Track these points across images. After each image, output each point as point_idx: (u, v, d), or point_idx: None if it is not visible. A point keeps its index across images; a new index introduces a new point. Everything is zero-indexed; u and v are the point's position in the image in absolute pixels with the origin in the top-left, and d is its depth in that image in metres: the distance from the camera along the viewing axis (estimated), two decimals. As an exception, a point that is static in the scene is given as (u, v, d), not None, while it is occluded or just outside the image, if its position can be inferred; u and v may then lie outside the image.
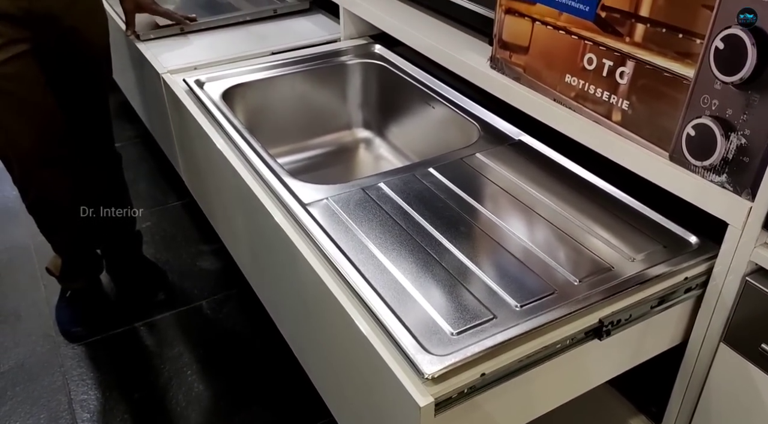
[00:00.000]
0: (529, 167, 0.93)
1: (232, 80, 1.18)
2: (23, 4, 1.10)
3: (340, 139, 1.34)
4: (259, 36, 1.42)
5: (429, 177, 0.91)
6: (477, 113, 1.07)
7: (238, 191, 1.00)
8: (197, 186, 1.42)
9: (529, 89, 0.93)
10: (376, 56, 1.30)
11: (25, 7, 1.10)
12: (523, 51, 0.92)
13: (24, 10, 1.11)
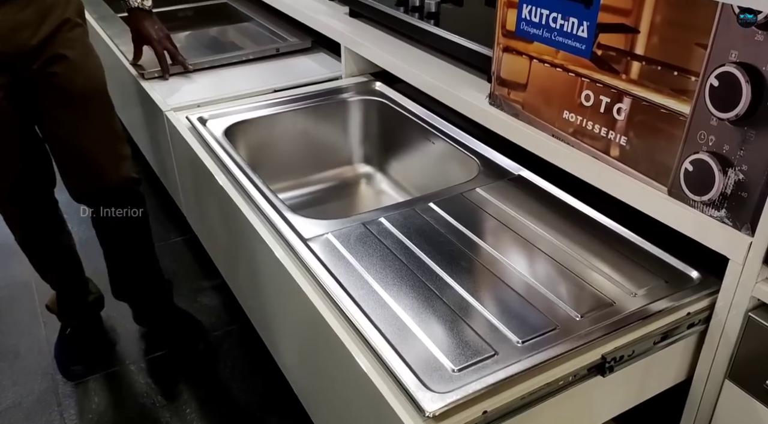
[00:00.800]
0: (529, 202, 0.94)
1: (235, 117, 1.20)
2: None
3: (341, 174, 1.35)
4: (261, 74, 1.44)
5: (429, 212, 0.92)
6: (477, 148, 1.08)
7: (240, 227, 1.00)
8: (199, 222, 1.42)
9: (528, 125, 0.94)
10: (376, 93, 1.32)
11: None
12: (521, 88, 0.94)
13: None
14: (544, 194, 0.95)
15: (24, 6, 1.07)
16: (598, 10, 0.78)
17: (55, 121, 1.18)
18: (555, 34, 0.85)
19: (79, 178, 1.28)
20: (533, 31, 0.89)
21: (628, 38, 0.75)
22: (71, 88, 1.16)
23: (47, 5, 1.10)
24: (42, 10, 1.09)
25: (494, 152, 1.06)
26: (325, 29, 1.42)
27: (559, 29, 0.84)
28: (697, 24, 0.67)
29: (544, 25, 0.86)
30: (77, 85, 1.16)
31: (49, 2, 1.10)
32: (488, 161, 1.04)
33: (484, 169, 1.02)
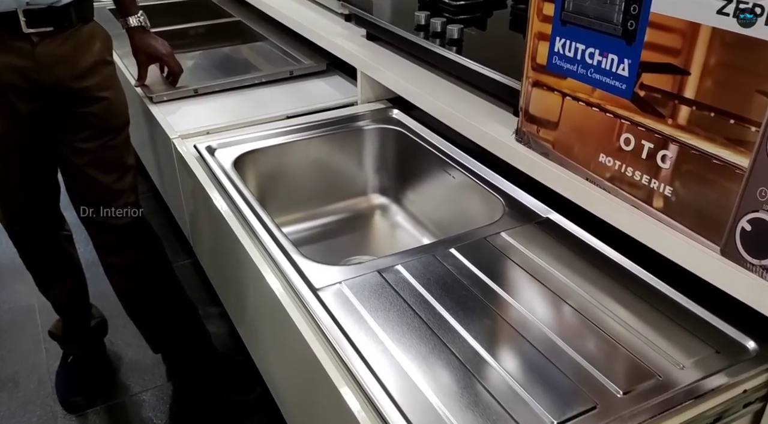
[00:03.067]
0: (560, 250, 0.86)
1: (245, 146, 1.14)
2: (33, 76, 1.07)
3: (355, 205, 1.29)
4: (274, 98, 1.39)
5: (450, 259, 0.85)
6: (500, 186, 1.01)
7: (246, 270, 0.94)
8: (204, 252, 1.36)
9: (559, 166, 0.87)
10: (393, 121, 1.26)
11: (34, 79, 1.07)
12: (553, 126, 0.86)
13: (33, 83, 1.08)
14: (576, 241, 0.88)
15: (63, 41, 1.08)
16: (641, 47, 0.71)
17: (78, 151, 1.17)
18: (591, 71, 0.78)
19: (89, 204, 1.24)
20: (567, 66, 0.82)
21: (676, 80, 0.68)
22: (105, 125, 1.16)
23: (83, 40, 1.11)
24: (79, 46, 1.10)
25: (520, 191, 0.99)
26: (341, 53, 1.36)
27: (596, 66, 0.77)
28: (759, 69, 0.60)
29: (580, 60, 0.79)
30: (111, 122, 1.17)
31: (84, 38, 1.11)
32: (514, 201, 0.97)
33: (509, 210, 0.95)
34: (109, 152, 1.20)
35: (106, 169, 1.20)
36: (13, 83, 1.07)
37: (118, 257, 1.31)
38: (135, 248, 1.31)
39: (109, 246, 1.31)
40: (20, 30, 1.03)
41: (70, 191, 1.26)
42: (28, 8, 1.03)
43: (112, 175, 1.21)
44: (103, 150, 1.19)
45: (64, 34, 1.08)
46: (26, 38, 1.05)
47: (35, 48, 1.06)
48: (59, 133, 1.16)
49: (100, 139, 1.18)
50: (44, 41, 1.06)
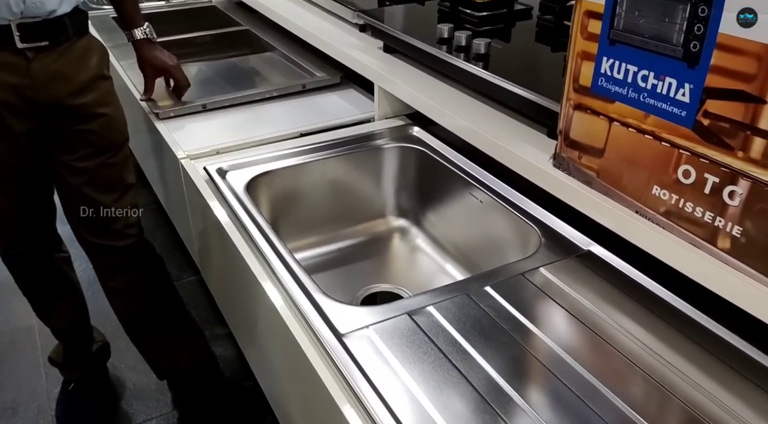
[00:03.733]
0: (606, 288, 0.79)
1: (258, 168, 1.07)
2: (28, 93, 1.00)
3: (373, 228, 1.22)
4: (286, 114, 1.31)
5: (486, 299, 0.77)
6: (534, 214, 0.94)
7: (260, 304, 0.87)
8: (212, 275, 1.29)
9: (604, 196, 0.80)
10: (414, 140, 1.19)
11: (29, 97, 1.01)
12: (597, 153, 0.79)
13: (28, 101, 1.01)
14: (622, 278, 0.81)
15: (59, 56, 1.02)
16: (706, 71, 0.64)
17: (76, 170, 1.11)
18: (645, 96, 0.71)
19: (87, 226, 1.17)
20: (615, 89, 0.74)
21: (749, 109, 0.61)
22: (104, 142, 1.10)
23: (80, 55, 1.05)
24: (75, 60, 1.04)
25: (557, 220, 0.91)
26: (358, 66, 1.29)
27: (650, 90, 0.70)
28: None
29: (631, 83, 0.72)
30: (110, 139, 1.11)
31: (80, 52, 1.05)
32: (551, 231, 0.90)
33: (546, 241, 0.88)
34: (109, 171, 1.13)
35: (105, 189, 1.14)
36: (7, 102, 1.00)
37: (118, 280, 1.24)
38: (136, 271, 1.24)
39: (109, 269, 1.24)
40: (14, 45, 0.97)
41: (67, 212, 1.19)
42: (22, 22, 0.97)
43: (111, 195, 1.15)
44: (101, 169, 1.12)
45: (59, 48, 1.01)
46: (20, 54, 0.98)
47: (30, 64, 0.99)
48: (55, 152, 1.10)
49: (98, 158, 1.11)
50: (39, 56, 1.00)
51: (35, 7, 0.97)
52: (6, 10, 0.95)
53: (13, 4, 0.95)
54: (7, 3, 0.94)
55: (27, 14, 0.97)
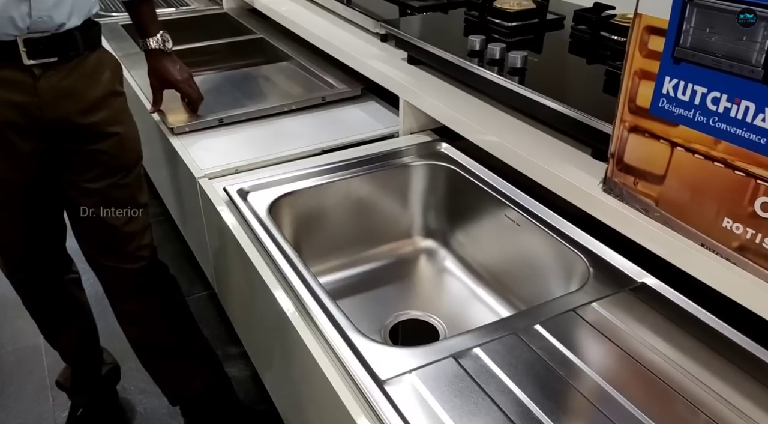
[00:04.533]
0: (665, 326, 0.73)
1: (280, 189, 1.01)
2: (35, 113, 0.94)
3: (398, 249, 1.15)
4: (306, 128, 1.25)
5: (538, 339, 0.71)
6: (581, 241, 0.88)
7: (289, 340, 0.81)
8: (229, 297, 1.23)
9: (663, 226, 0.73)
10: (442, 157, 1.13)
11: (36, 116, 0.95)
12: (657, 179, 0.73)
13: (35, 120, 0.95)
14: (682, 314, 0.74)
15: (68, 73, 0.95)
16: (793, 95, 0.58)
17: (86, 191, 1.05)
18: (715, 120, 0.65)
19: (98, 248, 1.11)
20: (679, 111, 0.68)
21: None
22: (116, 163, 1.04)
23: (90, 71, 0.98)
24: (86, 77, 0.97)
25: (605, 248, 0.85)
26: (381, 78, 1.23)
27: (722, 114, 0.64)
28: None
29: (698, 106, 0.66)
30: (122, 159, 1.05)
31: (91, 67, 0.98)
32: (600, 261, 0.83)
33: (595, 272, 0.82)
34: (121, 192, 1.07)
35: (117, 211, 1.08)
36: (13, 121, 0.94)
37: (131, 303, 1.18)
38: (149, 294, 1.18)
39: (121, 292, 1.18)
40: (20, 62, 0.91)
41: (77, 234, 1.13)
42: (29, 37, 0.90)
43: (123, 217, 1.09)
44: (113, 190, 1.06)
45: (69, 64, 0.95)
46: (27, 71, 0.92)
47: (37, 82, 0.93)
48: (65, 173, 1.04)
49: (110, 179, 1.05)
50: (47, 73, 0.93)
51: (42, 22, 0.90)
52: (11, 26, 0.88)
53: (19, 18, 0.88)
54: (11, 18, 0.88)
55: (34, 29, 0.90)
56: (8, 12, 0.87)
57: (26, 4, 0.88)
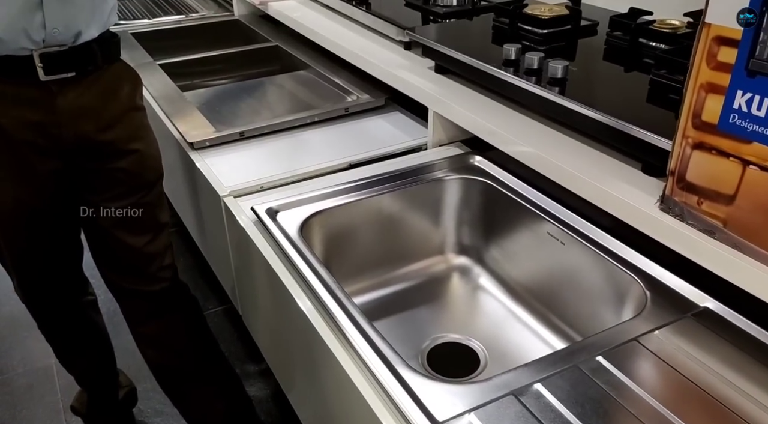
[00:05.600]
0: (733, 354, 0.68)
1: (309, 208, 0.96)
2: (53, 131, 0.90)
3: (431, 267, 1.11)
4: (331, 141, 1.21)
5: (602, 373, 0.66)
6: (634, 262, 0.83)
7: (330, 372, 0.76)
8: (255, 320, 1.18)
9: (732, 249, 0.69)
10: (476, 170, 1.08)
11: (54, 134, 0.90)
12: (725, 200, 0.68)
13: (53, 139, 0.91)
14: (753, 341, 0.70)
15: (86, 89, 0.91)
16: None
17: (105, 211, 1.00)
18: (796, 137, 0.60)
19: (118, 270, 1.07)
20: (753, 127, 0.64)
21: None
22: (136, 181, 1.00)
23: (110, 85, 0.94)
24: (105, 92, 0.93)
25: (662, 270, 0.80)
26: (408, 88, 1.18)
27: (805, 131, 0.59)
28: None
29: (777, 121, 0.62)
30: (143, 177, 1.01)
31: (111, 82, 0.94)
32: (656, 284, 0.79)
33: (652, 296, 0.77)
34: (141, 211, 1.02)
35: (137, 231, 1.03)
36: (31, 141, 0.89)
37: (151, 326, 1.14)
38: (171, 316, 1.14)
39: (140, 315, 1.13)
40: (36, 78, 0.86)
41: (96, 255, 1.09)
42: (45, 51, 0.85)
43: (144, 237, 1.04)
44: (134, 209, 1.01)
45: (87, 79, 0.91)
46: (44, 87, 0.87)
47: (55, 99, 0.88)
48: (83, 193, 0.99)
49: (130, 198, 1.00)
50: (65, 90, 0.89)
51: (58, 33, 0.86)
52: (26, 39, 0.84)
53: (34, 32, 0.84)
54: (24, 30, 0.83)
55: (50, 42, 0.86)
56: (21, 23, 0.82)
57: (40, 14, 0.83)
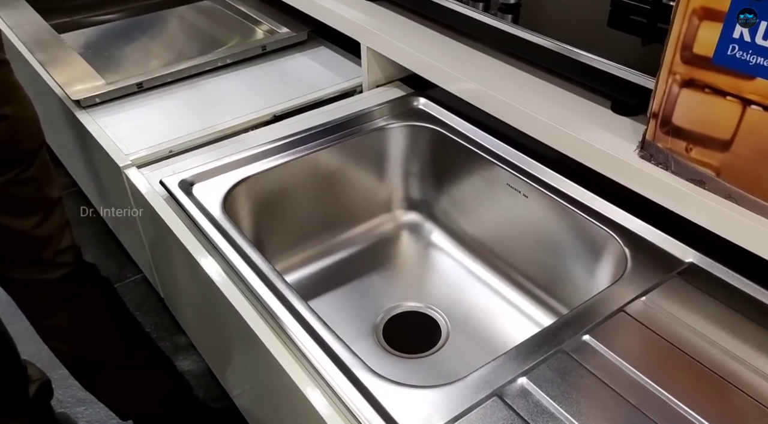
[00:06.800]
0: (729, 316, 0.61)
1: (232, 176, 0.81)
2: None
3: (377, 227, 0.99)
4: (250, 89, 1.03)
5: (590, 355, 0.58)
6: (609, 215, 0.74)
7: (269, 374, 0.65)
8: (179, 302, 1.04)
9: (726, 201, 0.60)
10: (421, 115, 0.95)
11: None
12: (719, 146, 0.59)
13: None
14: (744, 297, 0.63)
15: None
16: None
17: None
18: (812, 72, 0.51)
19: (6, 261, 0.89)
20: (757, 60, 0.54)
21: None
22: (11, 154, 0.81)
23: None
24: None
25: (640, 223, 0.72)
26: (334, 20, 1.02)
27: (824, 64, 0.50)
28: None
29: (788, 53, 0.52)
30: (18, 148, 0.81)
31: None
32: (636, 240, 0.70)
33: (632, 253, 0.69)
34: (23, 189, 0.84)
35: (22, 212, 0.85)
36: None
37: (57, 318, 0.97)
38: (78, 305, 0.97)
39: (42, 307, 0.96)
40: None
41: None
42: None
43: (32, 219, 0.86)
44: (13, 187, 0.82)
45: None
46: None
47: None
48: None
49: (6, 174, 0.81)
50: None
51: None
52: None
53: None
54: None
55: None
56: None
57: None
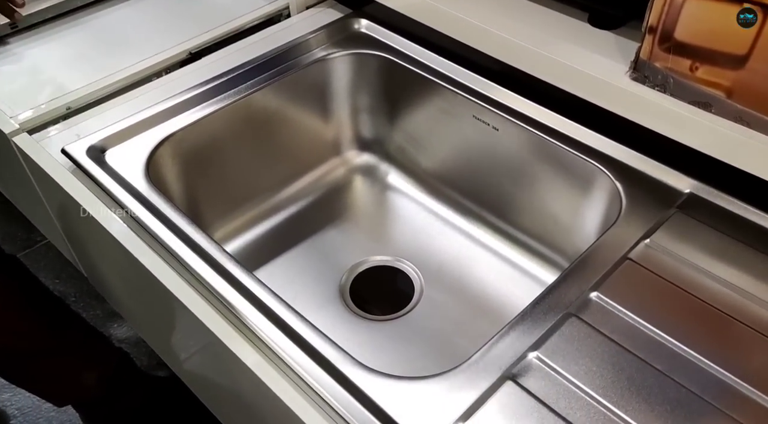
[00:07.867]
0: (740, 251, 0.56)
1: (152, 135, 0.67)
2: None
3: (327, 175, 0.87)
4: (156, 21, 0.86)
5: (602, 315, 0.51)
6: (594, 146, 0.66)
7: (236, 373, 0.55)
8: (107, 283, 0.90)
9: (735, 124, 0.53)
10: (365, 41, 0.82)
11: None
12: (732, 62, 0.51)
13: None
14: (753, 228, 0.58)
15: None
16: None
17: None
18: None
19: None
20: (788, -43, 0.45)
21: None
22: None
23: None
24: None
25: (629, 151, 0.64)
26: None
27: None
28: None
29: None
30: None
31: None
32: (628, 172, 0.63)
33: (626, 189, 0.61)
34: None
35: None
36: None
37: None
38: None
39: None
40: None
41: None
42: None
43: None
44: None
45: None
46: None
47: None
48: None
49: None
50: None
51: None
52: None
53: None
54: None
55: None
56: None
57: None
